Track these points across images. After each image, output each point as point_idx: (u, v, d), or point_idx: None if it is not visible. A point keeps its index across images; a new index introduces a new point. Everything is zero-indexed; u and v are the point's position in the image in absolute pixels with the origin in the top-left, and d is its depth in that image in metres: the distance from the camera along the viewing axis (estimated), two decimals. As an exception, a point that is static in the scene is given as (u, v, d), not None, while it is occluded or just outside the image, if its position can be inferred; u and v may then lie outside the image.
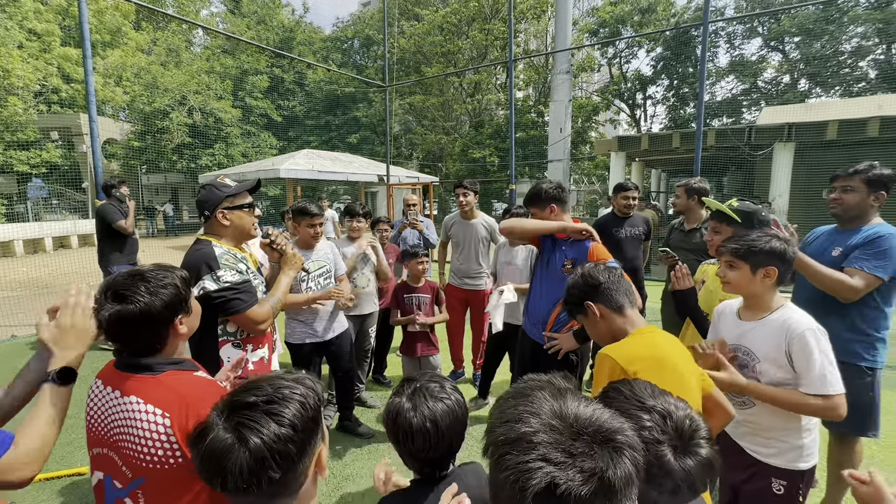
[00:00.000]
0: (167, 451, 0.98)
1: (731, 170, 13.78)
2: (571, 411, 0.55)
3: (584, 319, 1.46)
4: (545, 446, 0.50)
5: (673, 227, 3.53)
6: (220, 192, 1.80)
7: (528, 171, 21.85)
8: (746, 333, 1.60)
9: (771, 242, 1.53)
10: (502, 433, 0.54)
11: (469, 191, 3.69)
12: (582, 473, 0.48)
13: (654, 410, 0.82)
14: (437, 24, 23.12)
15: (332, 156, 17.45)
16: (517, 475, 0.49)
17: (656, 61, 21.49)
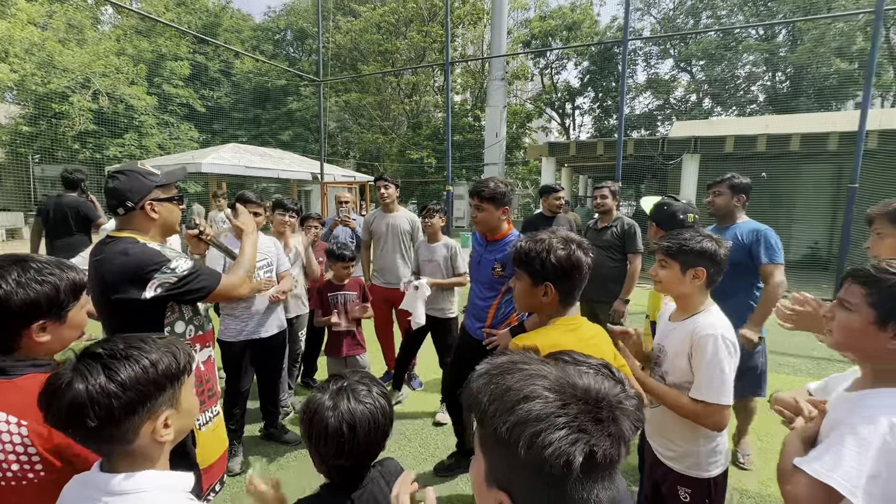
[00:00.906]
0: (24, 465, 0.87)
1: (647, 177, 15.01)
2: (579, 381, 0.55)
3: (525, 287, 1.34)
4: (575, 417, 0.50)
5: (588, 227, 3.82)
6: (149, 180, 1.57)
7: (465, 173, 22.23)
8: (669, 334, 1.59)
9: (702, 242, 1.47)
10: (528, 409, 0.51)
11: (390, 183, 3.69)
12: (610, 438, 0.51)
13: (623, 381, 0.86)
14: (375, 22, 22.83)
15: (261, 151, 16.53)
16: (560, 451, 0.49)
17: (583, 74, 22.88)
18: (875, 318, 0.94)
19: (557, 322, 1.33)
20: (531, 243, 1.33)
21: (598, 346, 1.31)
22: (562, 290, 1.32)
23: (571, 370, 0.57)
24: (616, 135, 8.50)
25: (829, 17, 16.50)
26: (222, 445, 1.80)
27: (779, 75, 20.00)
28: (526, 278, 1.35)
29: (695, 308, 1.52)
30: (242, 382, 2.70)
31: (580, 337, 1.31)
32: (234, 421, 2.71)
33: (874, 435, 0.86)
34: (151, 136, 19.11)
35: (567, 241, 1.31)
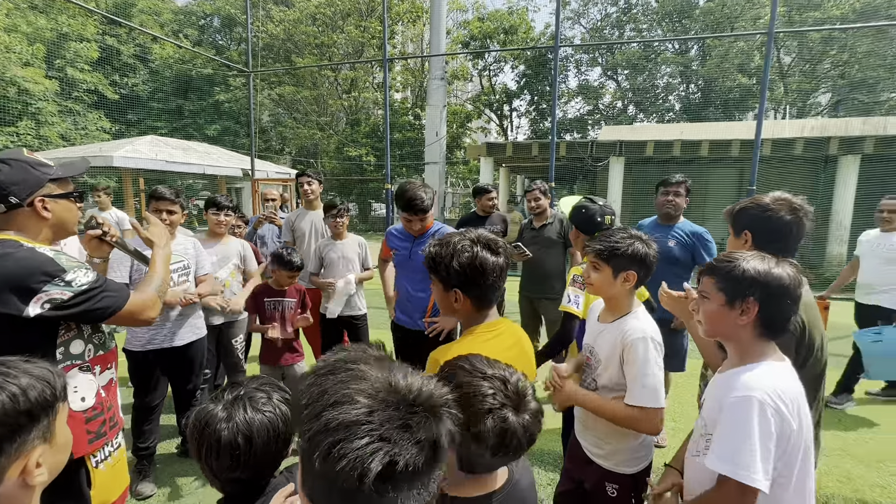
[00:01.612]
0: None
1: (579, 178, 15.82)
2: (403, 383, 0.53)
3: (439, 293, 1.28)
4: (381, 426, 0.48)
5: (524, 226, 3.89)
6: (40, 172, 1.32)
7: (406, 172, 22.11)
8: (597, 336, 1.58)
9: (633, 245, 1.47)
10: (331, 418, 0.48)
11: (313, 179, 3.60)
12: (418, 445, 0.49)
13: (494, 378, 0.88)
14: (310, 14, 21.99)
15: (184, 145, 15.32)
16: (355, 463, 0.46)
17: (520, 78, 23.63)
18: (724, 300, 1.11)
19: (476, 330, 1.26)
20: (438, 247, 1.25)
21: (517, 357, 1.26)
22: (472, 296, 1.23)
23: (398, 372, 0.54)
24: (550, 137, 8.87)
25: (732, 36, 18.38)
26: (123, 482, 1.58)
27: (692, 87, 21.95)
28: (438, 284, 1.27)
29: (623, 310, 1.52)
30: (152, 396, 2.47)
31: (500, 346, 1.25)
32: (145, 439, 2.47)
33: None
34: (52, 125, 17.02)
35: (475, 241, 1.22)
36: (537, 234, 3.64)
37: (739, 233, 1.58)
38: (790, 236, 1.50)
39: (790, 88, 18.55)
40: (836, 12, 16.48)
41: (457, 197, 29.24)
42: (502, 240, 1.27)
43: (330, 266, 3.22)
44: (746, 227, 1.56)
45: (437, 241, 1.28)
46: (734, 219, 1.60)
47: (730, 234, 1.64)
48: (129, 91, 21.90)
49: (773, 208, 1.51)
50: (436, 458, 0.51)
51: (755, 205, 1.55)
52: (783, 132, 10.22)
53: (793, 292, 1.07)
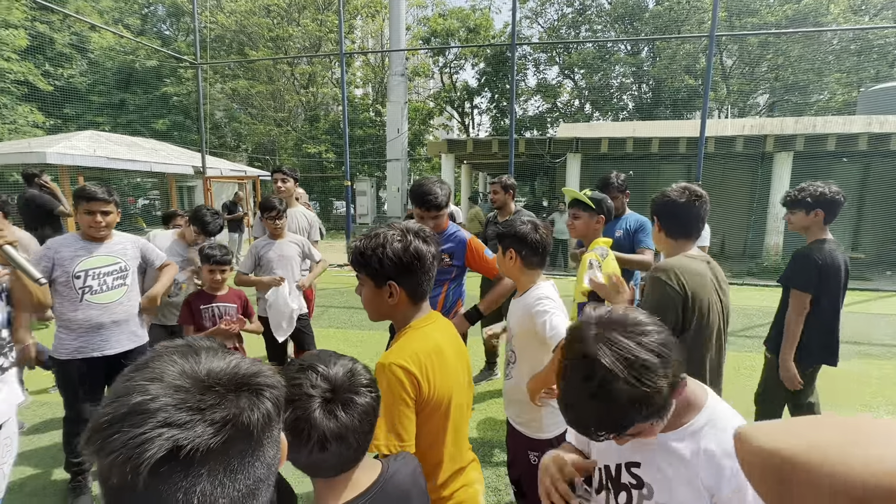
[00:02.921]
0: None
1: (539, 174, 16.14)
2: (203, 367, 0.48)
3: (370, 292, 1.20)
4: (167, 410, 0.43)
5: (489, 221, 3.93)
6: None
7: (367, 169, 21.80)
8: (510, 310, 1.75)
9: (516, 226, 1.66)
10: (108, 413, 0.44)
11: (288, 177, 3.50)
12: (213, 426, 0.44)
13: (311, 369, 0.82)
14: (264, 5, 21.22)
15: (128, 140, 14.44)
16: (127, 452, 0.41)
17: (480, 75, 23.82)
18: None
19: (411, 326, 1.22)
20: (365, 240, 1.19)
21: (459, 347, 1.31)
22: (408, 288, 1.18)
23: (208, 358, 0.50)
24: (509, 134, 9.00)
25: (678, 38, 19.30)
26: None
27: (643, 86, 22.89)
28: (368, 281, 1.19)
29: (524, 286, 1.70)
30: (83, 407, 2.29)
31: (444, 334, 1.26)
32: (78, 453, 2.31)
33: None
34: (-27, 118, 15.57)
35: (405, 231, 1.19)
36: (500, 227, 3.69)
37: (653, 220, 1.78)
38: (689, 217, 1.68)
39: (731, 90, 19.71)
40: (771, 18, 17.64)
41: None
42: (428, 230, 1.24)
43: (267, 266, 3.09)
44: (655, 213, 1.76)
45: (361, 236, 1.22)
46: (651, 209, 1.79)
47: None
48: (64, 83, 20.33)
49: (670, 195, 1.70)
50: (247, 437, 0.46)
51: (660, 195, 1.75)
52: (725, 130, 10.84)
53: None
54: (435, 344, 1.19)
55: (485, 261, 2.42)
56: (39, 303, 1.68)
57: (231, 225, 10.01)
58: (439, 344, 1.20)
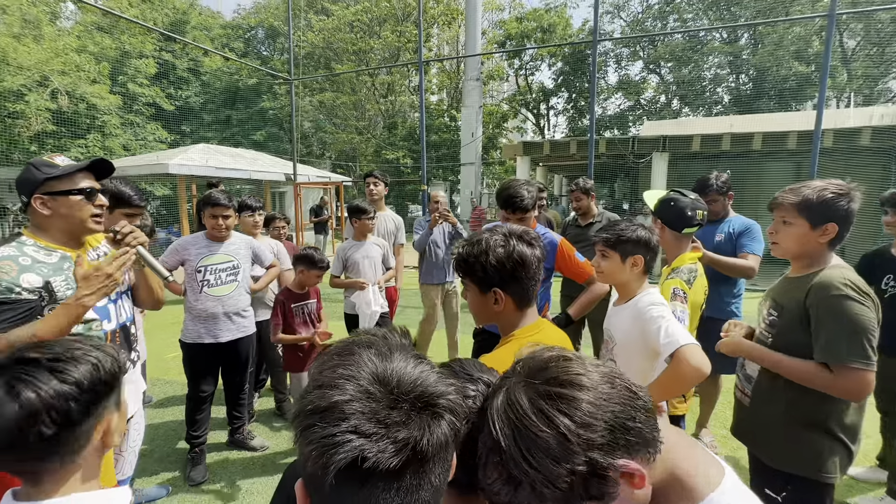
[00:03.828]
0: None
1: (620, 176, 15.33)
2: (395, 374, 0.49)
3: (475, 297, 1.21)
4: (358, 416, 0.46)
5: (568, 224, 3.78)
6: (40, 172, 1.39)
7: (442, 173, 22.23)
8: (611, 317, 1.69)
9: (637, 231, 1.56)
10: (312, 401, 0.48)
11: (379, 181, 3.65)
12: (395, 444, 0.45)
13: (479, 381, 0.82)
14: (348, 21, 22.59)
15: (233, 152, 16.12)
16: (322, 449, 0.45)
17: (557, 76, 23.23)
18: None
19: (514, 336, 1.19)
20: (468, 247, 1.17)
21: None
22: (513, 294, 1.16)
23: (402, 363, 0.51)
24: (588, 134, 8.65)
25: (787, 21, 17.22)
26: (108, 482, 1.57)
27: (742, 77, 20.76)
28: (473, 287, 1.19)
29: (634, 293, 1.60)
30: (203, 387, 2.61)
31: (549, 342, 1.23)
32: (197, 427, 2.62)
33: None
34: (115, 136, 18.39)
35: (508, 235, 1.16)
36: (582, 232, 3.51)
37: (820, 224, 1.41)
38: (851, 223, 1.41)
39: (855, 74, 17.16)
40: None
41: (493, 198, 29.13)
42: (533, 232, 1.21)
43: (354, 268, 3.26)
44: (831, 218, 1.39)
45: (465, 241, 1.21)
46: (813, 210, 1.42)
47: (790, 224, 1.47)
48: (182, 103, 23.32)
49: (848, 199, 1.38)
50: (421, 463, 0.47)
51: (836, 195, 1.38)
52: (847, 122, 9.46)
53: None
54: None
55: (576, 265, 2.31)
56: (157, 300, 1.83)
57: (317, 227, 10.76)
58: None
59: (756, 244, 2.67)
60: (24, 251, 1.39)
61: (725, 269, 2.58)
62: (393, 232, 3.70)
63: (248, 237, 2.84)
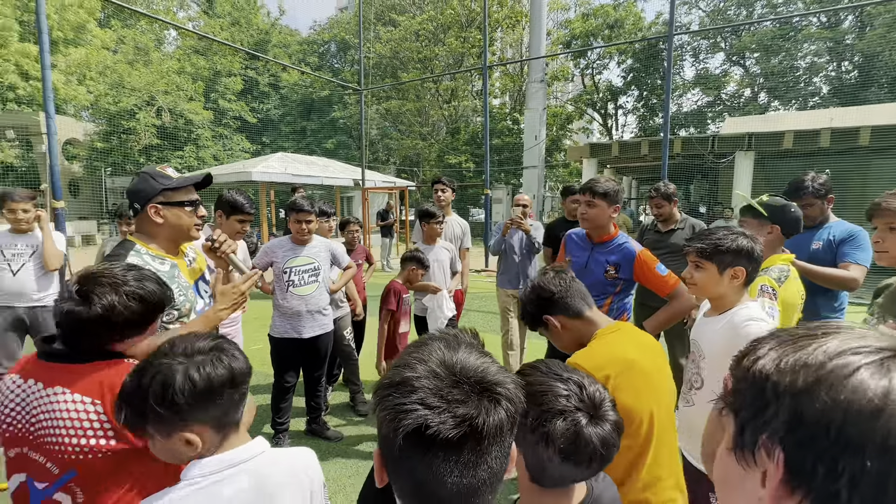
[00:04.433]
0: (100, 440, 0.96)
1: (697, 177, 14.32)
2: (460, 362, 0.56)
3: (548, 333, 1.36)
4: (424, 391, 0.53)
5: (646, 229, 3.57)
6: (157, 182, 1.48)
7: (504, 177, 22.11)
8: (700, 328, 1.58)
9: (738, 240, 1.44)
10: (389, 376, 0.57)
11: (447, 187, 3.73)
12: (454, 418, 0.51)
13: (570, 381, 0.86)
14: (414, 31, 23.25)
15: (307, 159, 17.22)
16: (393, 415, 0.53)
17: (626, 73, 22.21)
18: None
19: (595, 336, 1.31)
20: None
21: None
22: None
23: (465, 353, 0.58)
24: (662, 133, 8.18)
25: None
26: None
27: (845, 64, 18.52)
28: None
29: (731, 305, 1.49)
30: (288, 378, 2.84)
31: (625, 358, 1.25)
32: (281, 415, 2.85)
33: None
34: (207, 148, 20.39)
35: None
36: (661, 238, 3.30)
37: None
38: None
39: None
40: None
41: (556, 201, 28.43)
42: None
43: (431, 274, 3.35)
44: None
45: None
46: None
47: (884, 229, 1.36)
48: (263, 115, 25.34)
49: None
50: (477, 440, 0.52)
51: None
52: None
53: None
54: (627, 355, 1.19)
55: (656, 277, 2.17)
56: None
57: (383, 230, 11.19)
58: (631, 356, 1.19)
59: (861, 253, 2.37)
60: (145, 260, 1.46)
61: (821, 279, 2.32)
62: (459, 236, 3.77)
63: (327, 240, 3.06)
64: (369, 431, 3.24)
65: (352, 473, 2.73)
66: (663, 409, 1.21)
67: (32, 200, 2.99)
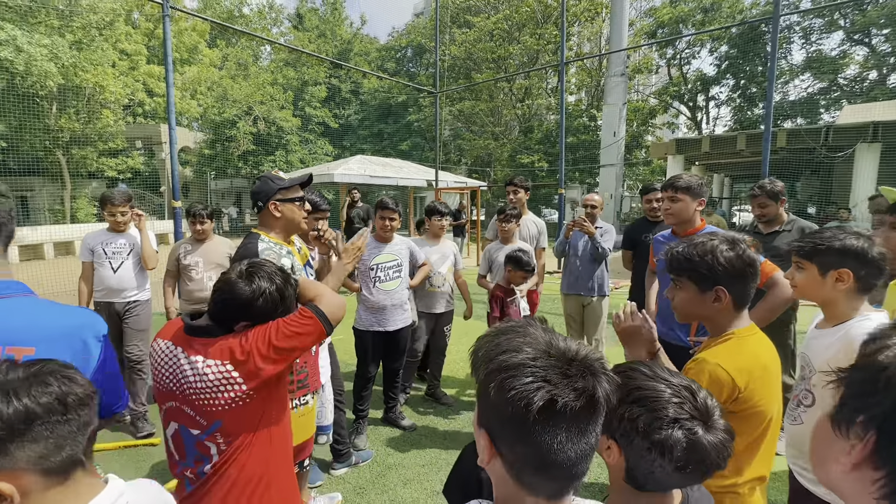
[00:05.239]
0: (238, 393, 1.14)
1: (805, 174, 12.73)
2: (558, 344, 0.62)
3: (693, 294, 1.22)
4: (544, 370, 0.58)
5: (745, 231, 3.29)
6: (274, 183, 1.83)
7: (579, 176, 21.32)
8: (811, 341, 1.45)
9: (846, 240, 1.30)
10: (503, 360, 0.60)
11: (520, 188, 3.71)
12: (575, 391, 0.57)
13: (680, 387, 0.83)
14: (488, 31, 23.24)
15: (383, 161, 17.98)
16: (522, 395, 0.56)
17: (720, 61, 20.30)
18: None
19: (735, 334, 1.21)
20: (688, 248, 1.24)
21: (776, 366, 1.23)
22: (736, 293, 1.20)
23: (558, 337, 0.63)
24: (762, 126, 7.38)
25: None
26: (306, 433, 1.92)
27: None
28: (691, 285, 1.24)
29: (845, 315, 1.34)
30: (370, 368, 3.01)
31: (764, 347, 1.22)
32: (362, 402, 3.01)
33: None
34: (295, 152, 22.12)
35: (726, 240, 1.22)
36: (763, 241, 3.00)
37: None
38: None
39: None
40: None
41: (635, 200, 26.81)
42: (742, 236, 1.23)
43: (498, 269, 3.36)
44: None
45: (681, 244, 1.27)
46: None
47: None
48: (345, 121, 26.90)
49: None
50: (593, 410, 0.58)
51: None
52: None
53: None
54: (762, 360, 1.17)
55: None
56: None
57: (455, 230, 11.35)
58: (765, 361, 1.18)
59: None
60: (269, 245, 1.80)
61: None
62: (535, 235, 3.74)
63: (407, 239, 3.17)
64: (440, 423, 3.32)
65: (424, 463, 2.81)
66: (776, 412, 1.20)
67: (129, 203, 3.14)
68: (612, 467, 0.85)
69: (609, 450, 0.82)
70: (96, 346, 0.92)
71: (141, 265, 3.21)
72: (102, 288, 3.11)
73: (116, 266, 3.11)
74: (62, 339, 0.87)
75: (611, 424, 0.81)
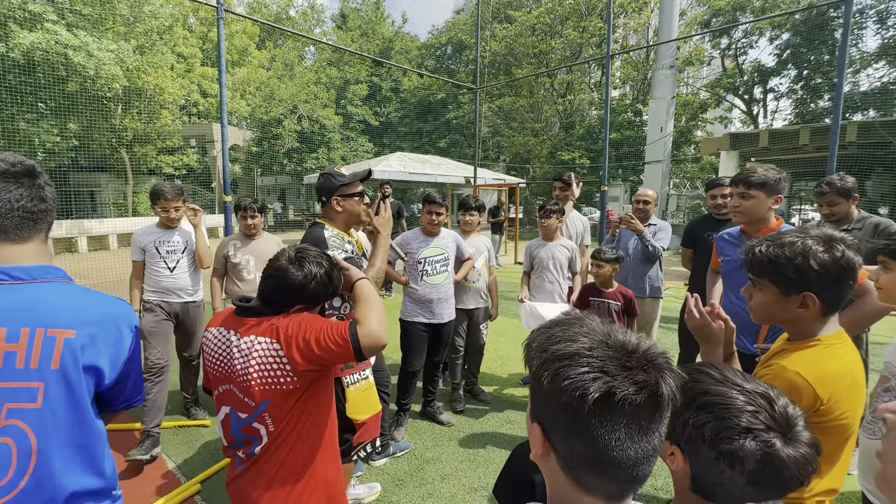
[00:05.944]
0: (284, 372, 1.19)
1: (877, 171, 11.70)
2: (617, 335, 0.59)
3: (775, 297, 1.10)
4: (602, 360, 0.55)
5: None
6: (336, 180, 1.97)
7: (622, 173, 20.60)
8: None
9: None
10: (558, 349, 0.57)
11: (566, 185, 3.65)
12: (635, 385, 0.53)
13: (755, 393, 0.75)
14: (530, 25, 22.83)
15: (422, 158, 18.11)
16: (577, 384, 0.53)
17: (781, 50, 18.97)
18: None
19: (821, 341, 1.10)
20: (777, 248, 1.09)
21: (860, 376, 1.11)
22: (827, 299, 1.06)
23: (617, 330, 0.59)
24: (828, 119, 6.81)
25: None
26: (372, 408, 1.97)
27: None
28: (773, 288, 1.11)
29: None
30: (416, 361, 3.03)
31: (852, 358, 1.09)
32: (405, 395, 3.04)
33: None
34: (337, 149, 22.67)
35: (820, 239, 1.07)
36: None
37: None
38: None
39: None
40: None
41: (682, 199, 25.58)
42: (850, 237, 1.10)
43: (539, 266, 3.34)
44: None
45: (765, 242, 1.12)
46: None
47: None
48: (385, 118, 27.29)
49: None
50: (656, 407, 0.54)
51: None
52: None
53: None
54: (851, 370, 1.07)
55: None
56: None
57: (494, 227, 11.26)
58: (855, 372, 1.07)
59: None
60: (333, 234, 1.98)
61: None
62: (580, 233, 3.66)
63: (454, 232, 3.19)
64: (478, 420, 3.30)
65: (463, 459, 2.80)
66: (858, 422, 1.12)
67: (181, 197, 2.95)
68: (676, 474, 0.79)
69: (672, 455, 0.77)
70: (129, 336, 0.95)
71: (196, 264, 3.06)
72: (157, 288, 2.94)
73: (172, 265, 2.94)
74: (100, 325, 0.89)
75: (674, 430, 0.75)
